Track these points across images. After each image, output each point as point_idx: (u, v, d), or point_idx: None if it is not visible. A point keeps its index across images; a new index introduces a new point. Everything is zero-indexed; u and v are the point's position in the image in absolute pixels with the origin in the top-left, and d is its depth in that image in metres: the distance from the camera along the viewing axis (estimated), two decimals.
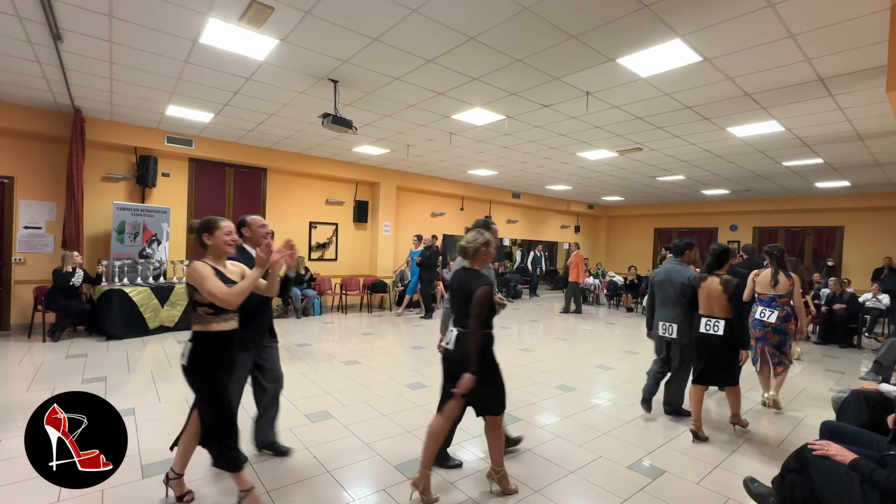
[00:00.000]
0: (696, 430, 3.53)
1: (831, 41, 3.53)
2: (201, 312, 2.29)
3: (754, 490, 2.51)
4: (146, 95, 5.51)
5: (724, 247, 3.70)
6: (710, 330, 3.52)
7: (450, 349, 2.59)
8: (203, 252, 2.42)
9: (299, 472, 2.82)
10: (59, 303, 5.91)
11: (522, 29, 3.56)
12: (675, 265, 4.04)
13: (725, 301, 3.48)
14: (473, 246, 2.62)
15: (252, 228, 2.89)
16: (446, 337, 2.67)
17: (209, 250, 2.40)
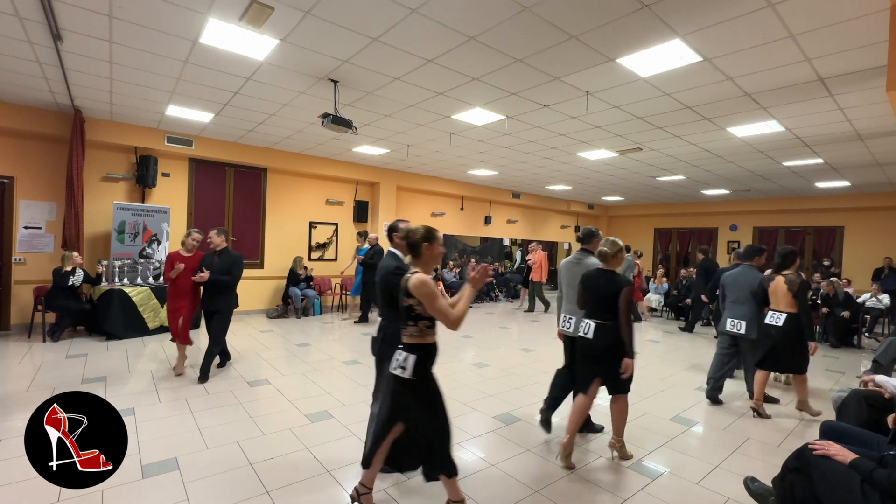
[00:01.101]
0: (756, 407, 4.07)
1: (831, 41, 3.53)
2: (422, 326, 2.28)
3: (754, 490, 2.51)
4: (146, 95, 5.51)
5: (789, 249, 4.18)
6: (773, 321, 4.09)
7: (588, 338, 3.10)
8: (415, 261, 2.37)
9: (299, 472, 2.82)
10: (59, 303, 5.91)
11: (522, 29, 3.56)
12: (745, 268, 4.56)
13: (791, 297, 4.01)
14: (612, 251, 3.11)
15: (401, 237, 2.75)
16: (581, 327, 3.17)
17: (422, 260, 2.35)
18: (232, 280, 4.64)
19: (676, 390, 4.80)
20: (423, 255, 2.34)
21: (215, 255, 4.68)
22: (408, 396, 2.29)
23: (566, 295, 3.62)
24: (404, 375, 2.24)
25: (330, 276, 9.58)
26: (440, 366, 2.63)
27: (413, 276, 2.25)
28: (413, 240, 2.36)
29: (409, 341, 2.29)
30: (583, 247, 3.70)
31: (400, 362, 2.26)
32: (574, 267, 3.57)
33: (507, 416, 3.91)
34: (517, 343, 7.07)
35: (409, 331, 2.29)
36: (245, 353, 5.67)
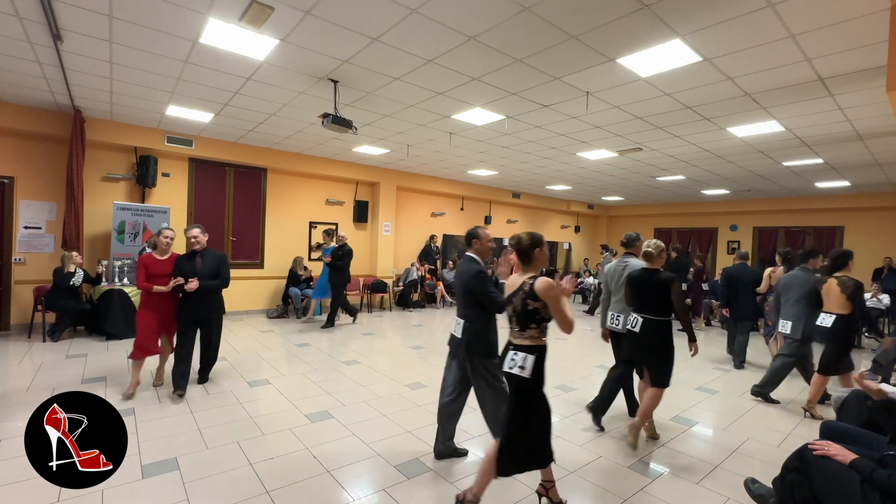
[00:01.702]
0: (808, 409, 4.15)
1: (831, 41, 3.53)
2: (544, 328, 2.38)
3: (755, 491, 2.51)
4: (146, 95, 5.51)
5: (840, 251, 4.29)
6: (822, 322, 4.17)
7: (636, 331, 3.41)
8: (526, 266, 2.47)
9: (299, 472, 2.82)
10: (59, 303, 5.91)
11: (522, 29, 3.56)
12: (799, 270, 4.73)
13: (844, 299, 4.03)
14: (657, 251, 3.43)
15: (482, 242, 3.03)
16: (630, 321, 3.50)
17: (533, 265, 2.45)
18: (223, 283, 4.20)
19: (676, 390, 4.79)
20: (535, 259, 2.47)
21: (197, 257, 4.11)
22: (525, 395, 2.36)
23: (614, 295, 3.96)
24: (523, 375, 2.31)
25: None
26: (440, 366, 2.64)
27: (539, 280, 2.33)
28: (524, 246, 2.48)
29: (527, 343, 2.35)
30: (626, 251, 4.04)
31: (518, 363, 2.32)
32: (620, 269, 3.93)
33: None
34: None
35: (528, 333, 2.36)
36: (245, 353, 5.67)
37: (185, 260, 4.10)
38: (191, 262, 4.09)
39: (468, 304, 2.89)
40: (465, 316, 2.89)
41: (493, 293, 2.78)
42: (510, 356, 2.38)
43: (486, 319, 2.87)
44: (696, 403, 4.41)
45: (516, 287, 2.43)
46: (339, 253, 7.46)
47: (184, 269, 4.03)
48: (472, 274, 2.85)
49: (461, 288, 2.94)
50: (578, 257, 16.00)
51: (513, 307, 2.42)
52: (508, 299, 2.47)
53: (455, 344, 2.96)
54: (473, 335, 2.84)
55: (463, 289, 2.92)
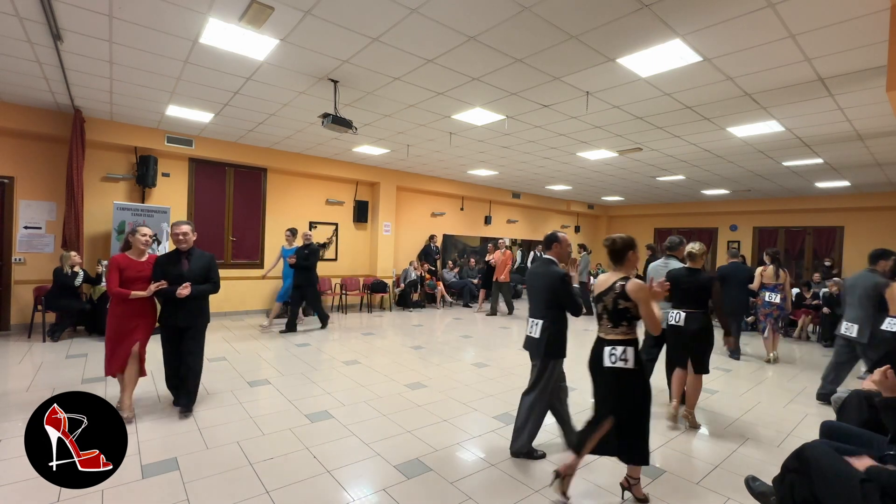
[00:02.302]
0: None
1: (831, 41, 3.53)
2: (634, 324, 2.55)
3: (755, 489, 2.51)
4: (146, 95, 5.51)
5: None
6: (890, 328, 4.16)
7: (679, 325, 3.79)
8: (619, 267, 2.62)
9: (299, 472, 2.82)
10: (59, 303, 5.91)
11: (522, 29, 3.56)
12: (865, 272, 4.64)
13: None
14: (700, 252, 3.85)
15: (563, 246, 3.18)
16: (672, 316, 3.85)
17: (625, 266, 2.61)
18: (214, 288, 3.77)
19: None
20: (627, 260, 2.61)
21: (183, 258, 3.66)
22: (633, 386, 2.53)
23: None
24: (628, 367, 2.49)
25: (329, 277, 9.57)
26: (440, 366, 2.63)
27: (631, 282, 2.51)
28: (618, 247, 2.62)
29: (621, 337, 2.54)
30: (669, 253, 4.41)
31: (619, 356, 2.50)
32: (662, 269, 4.27)
33: (507, 416, 3.91)
34: (517, 343, 7.06)
35: (619, 329, 2.55)
36: (245, 353, 5.67)
37: (168, 261, 3.64)
38: (176, 264, 3.62)
39: (550, 305, 3.02)
40: (545, 316, 3.02)
41: (577, 296, 2.98)
42: (608, 351, 2.53)
43: (564, 320, 3.05)
44: (696, 403, 4.40)
45: (607, 286, 2.58)
46: (305, 252, 7.01)
47: (168, 271, 3.57)
48: (558, 276, 2.98)
49: (542, 289, 3.05)
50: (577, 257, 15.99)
51: (603, 305, 2.59)
52: (598, 298, 2.63)
53: (534, 345, 3.08)
54: (553, 336, 3.00)
55: (545, 290, 3.03)
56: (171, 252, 3.73)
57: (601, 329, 2.64)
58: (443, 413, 3.91)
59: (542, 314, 3.05)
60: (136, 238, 3.60)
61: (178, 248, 3.69)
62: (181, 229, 3.66)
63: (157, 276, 3.56)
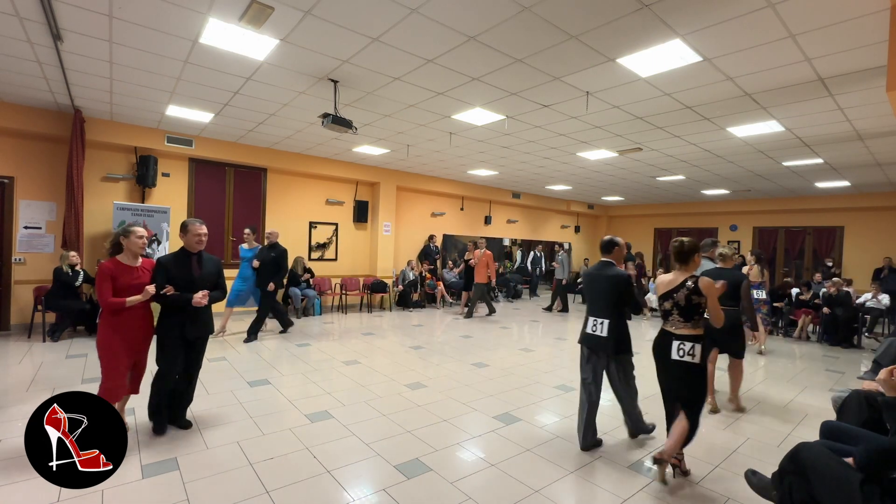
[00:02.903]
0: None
1: (831, 41, 3.53)
2: (698, 318, 2.80)
3: (756, 482, 2.52)
4: (146, 95, 5.51)
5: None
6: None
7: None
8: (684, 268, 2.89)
9: (299, 472, 2.82)
10: (59, 303, 5.91)
11: (522, 29, 3.56)
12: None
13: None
14: (730, 253, 4.23)
15: (621, 250, 3.41)
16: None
17: (689, 267, 2.88)
18: (222, 295, 3.44)
19: None
20: (693, 262, 2.89)
21: (193, 261, 3.25)
22: (696, 378, 2.79)
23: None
24: (694, 361, 2.73)
25: (329, 277, 9.57)
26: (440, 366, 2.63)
27: (702, 279, 2.79)
28: (685, 250, 2.88)
29: (691, 332, 2.78)
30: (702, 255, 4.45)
31: (688, 351, 2.75)
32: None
33: (507, 416, 3.91)
34: (517, 343, 7.06)
35: (690, 324, 2.79)
36: (245, 353, 5.67)
37: (175, 264, 3.19)
38: (185, 268, 3.21)
39: (615, 304, 3.24)
40: (611, 315, 3.24)
41: (638, 296, 3.35)
42: (677, 346, 2.78)
43: (625, 318, 3.31)
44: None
45: (676, 285, 2.85)
46: (273, 255, 6.38)
47: (176, 276, 3.14)
48: (624, 279, 3.23)
49: (607, 290, 3.26)
50: (578, 257, 16.00)
51: (673, 302, 2.83)
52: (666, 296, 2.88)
53: (600, 342, 3.26)
54: (620, 333, 3.23)
55: (610, 291, 3.25)
56: (176, 253, 3.27)
57: (668, 324, 2.88)
58: (443, 413, 3.91)
59: (607, 313, 3.25)
60: (130, 241, 3.04)
61: (188, 249, 3.27)
62: (203, 230, 3.27)
63: (161, 281, 3.08)
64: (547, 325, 8.85)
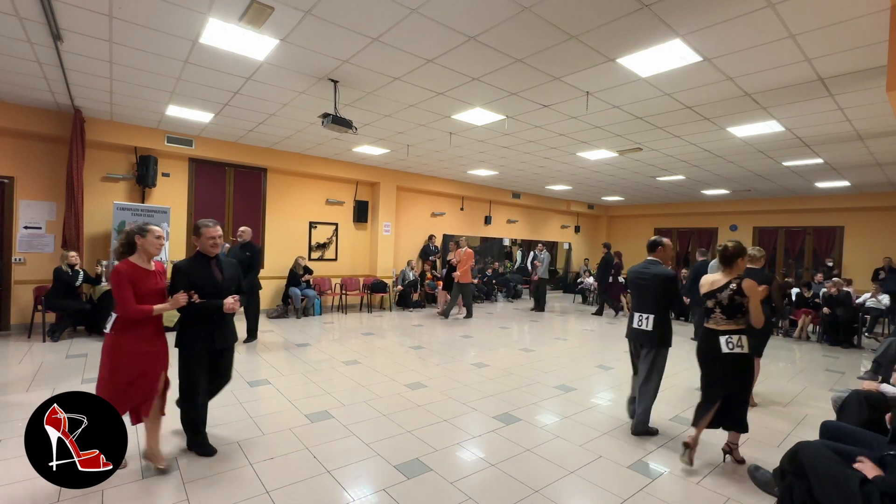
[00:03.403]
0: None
1: (831, 41, 3.53)
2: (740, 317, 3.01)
3: (759, 478, 2.53)
4: (146, 95, 5.51)
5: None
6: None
7: None
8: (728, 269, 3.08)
9: (299, 472, 2.82)
10: (60, 303, 5.91)
11: (522, 29, 3.56)
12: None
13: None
14: (760, 254, 4.18)
15: (666, 249, 3.66)
16: None
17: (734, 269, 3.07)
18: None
19: (676, 390, 4.80)
20: (738, 265, 3.07)
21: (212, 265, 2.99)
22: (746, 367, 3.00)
23: None
24: (743, 351, 2.95)
25: (329, 277, 9.58)
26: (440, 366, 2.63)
27: (746, 281, 2.99)
28: (730, 254, 3.07)
29: (734, 327, 3.01)
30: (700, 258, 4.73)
31: (736, 343, 2.96)
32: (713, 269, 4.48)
33: (507, 416, 3.91)
34: (517, 343, 7.06)
35: (733, 321, 3.01)
36: (245, 354, 5.67)
37: (194, 269, 2.90)
38: (206, 273, 2.93)
39: (659, 301, 3.49)
40: (656, 311, 3.49)
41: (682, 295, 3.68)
42: (725, 340, 2.99)
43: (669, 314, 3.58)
44: (697, 403, 4.40)
45: (720, 285, 3.05)
46: (247, 255, 5.85)
47: (199, 281, 2.87)
48: (669, 277, 3.48)
49: (652, 287, 3.50)
50: (578, 257, 16.00)
51: (716, 301, 3.05)
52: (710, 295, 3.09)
53: (646, 336, 3.51)
54: (664, 328, 3.47)
55: (655, 288, 3.49)
56: (193, 258, 2.99)
57: (712, 321, 3.08)
58: (443, 413, 3.91)
59: (652, 309, 3.50)
60: (146, 240, 2.74)
61: (204, 253, 2.98)
62: (217, 231, 2.97)
63: (181, 288, 2.80)
64: (547, 325, 8.85)
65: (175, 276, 2.85)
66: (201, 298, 2.86)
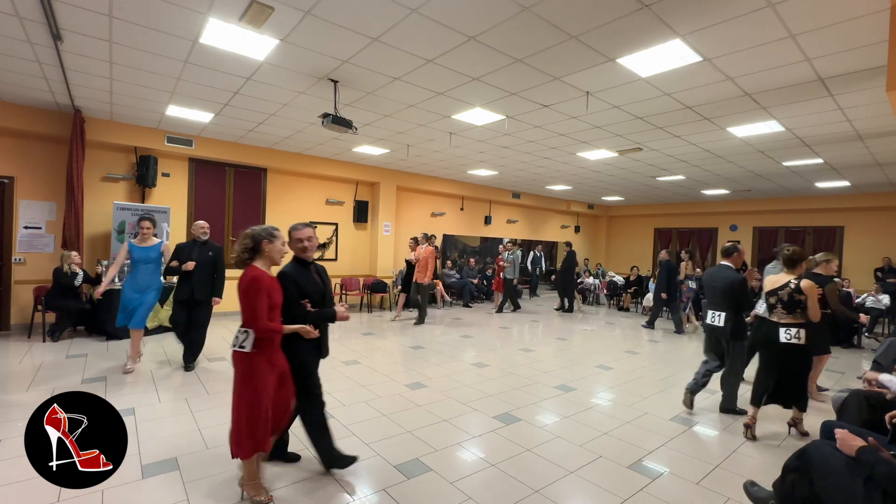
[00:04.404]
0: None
1: (831, 41, 3.53)
2: (799, 312, 3.46)
3: (754, 494, 2.51)
4: (146, 95, 5.51)
5: None
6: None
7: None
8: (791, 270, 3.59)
9: (299, 472, 2.82)
10: (59, 303, 5.91)
11: (522, 29, 3.56)
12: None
13: None
14: (825, 258, 4.73)
15: (740, 256, 4.15)
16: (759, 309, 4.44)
17: (796, 271, 3.58)
18: None
19: (676, 390, 4.80)
20: (800, 267, 3.61)
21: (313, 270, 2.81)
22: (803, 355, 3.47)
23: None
24: (801, 342, 3.41)
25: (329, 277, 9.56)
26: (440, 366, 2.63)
27: (804, 281, 3.46)
28: (794, 257, 3.59)
29: (794, 321, 3.45)
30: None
31: (794, 335, 3.41)
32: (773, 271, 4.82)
33: (507, 416, 3.91)
34: (517, 343, 7.06)
35: (791, 316, 3.46)
36: None
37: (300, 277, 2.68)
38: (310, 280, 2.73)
39: (728, 301, 3.95)
40: (727, 310, 3.96)
41: (749, 297, 4.04)
42: (784, 331, 3.45)
43: (741, 312, 3.99)
44: (697, 403, 4.41)
45: (781, 284, 3.55)
46: (210, 254, 4.92)
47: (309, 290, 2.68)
48: (738, 280, 3.95)
49: (722, 289, 3.99)
50: (578, 257, 15.99)
51: (777, 298, 3.53)
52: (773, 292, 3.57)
53: (718, 330, 4.02)
54: (734, 323, 3.94)
55: (724, 290, 3.97)
56: (293, 264, 2.73)
57: (774, 315, 3.56)
58: (443, 413, 3.91)
59: (722, 308, 4.00)
60: (275, 246, 2.53)
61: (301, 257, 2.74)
62: (307, 233, 2.72)
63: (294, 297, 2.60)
64: (547, 325, 8.85)
65: (289, 285, 2.59)
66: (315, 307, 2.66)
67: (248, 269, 2.47)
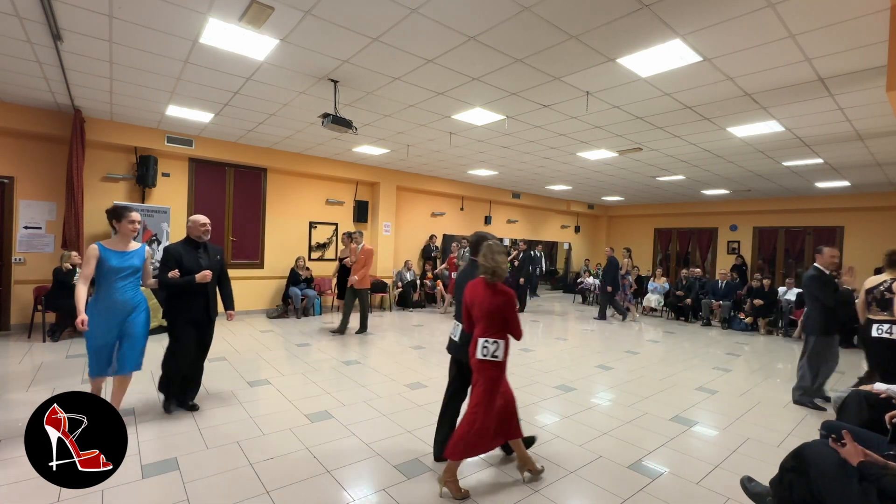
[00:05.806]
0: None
1: (831, 41, 3.53)
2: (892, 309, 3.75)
3: (751, 489, 2.51)
4: (146, 95, 5.51)
5: None
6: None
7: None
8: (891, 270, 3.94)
9: (299, 472, 2.82)
10: (60, 303, 5.91)
11: (522, 29, 3.56)
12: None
13: None
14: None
15: (825, 257, 4.42)
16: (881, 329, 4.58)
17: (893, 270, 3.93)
18: None
19: (676, 390, 4.80)
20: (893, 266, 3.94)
21: None
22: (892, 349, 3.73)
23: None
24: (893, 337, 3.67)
25: (329, 277, 9.57)
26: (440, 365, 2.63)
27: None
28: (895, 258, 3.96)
29: (887, 318, 3.75)
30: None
31: (885, 330, 3.71)
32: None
33: None
34: (516, 343, 7.05)
35: (886, 312, 3.75)
36: (245, 353, 5.67)
37: None
38: None
39: (810, 297, 4.40)
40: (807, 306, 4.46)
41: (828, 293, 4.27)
42: (875, 327, 3.76)
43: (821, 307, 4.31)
44: (696, 403, 4.41)
45: (877, 283, 3.89)
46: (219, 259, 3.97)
47: None
48: (809, 276, 4.39)
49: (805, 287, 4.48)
50: (578, 257, 16.00)
51: (873, 296, 3.86)
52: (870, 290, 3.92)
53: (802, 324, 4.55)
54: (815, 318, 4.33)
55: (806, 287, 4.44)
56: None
57: (870, 312, 3.88)
58: None
59: (808, 305, 4.46)
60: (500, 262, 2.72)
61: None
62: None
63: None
64: (547, 325, 8.85)
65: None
66: None
67: (498, 284, 2.68)
